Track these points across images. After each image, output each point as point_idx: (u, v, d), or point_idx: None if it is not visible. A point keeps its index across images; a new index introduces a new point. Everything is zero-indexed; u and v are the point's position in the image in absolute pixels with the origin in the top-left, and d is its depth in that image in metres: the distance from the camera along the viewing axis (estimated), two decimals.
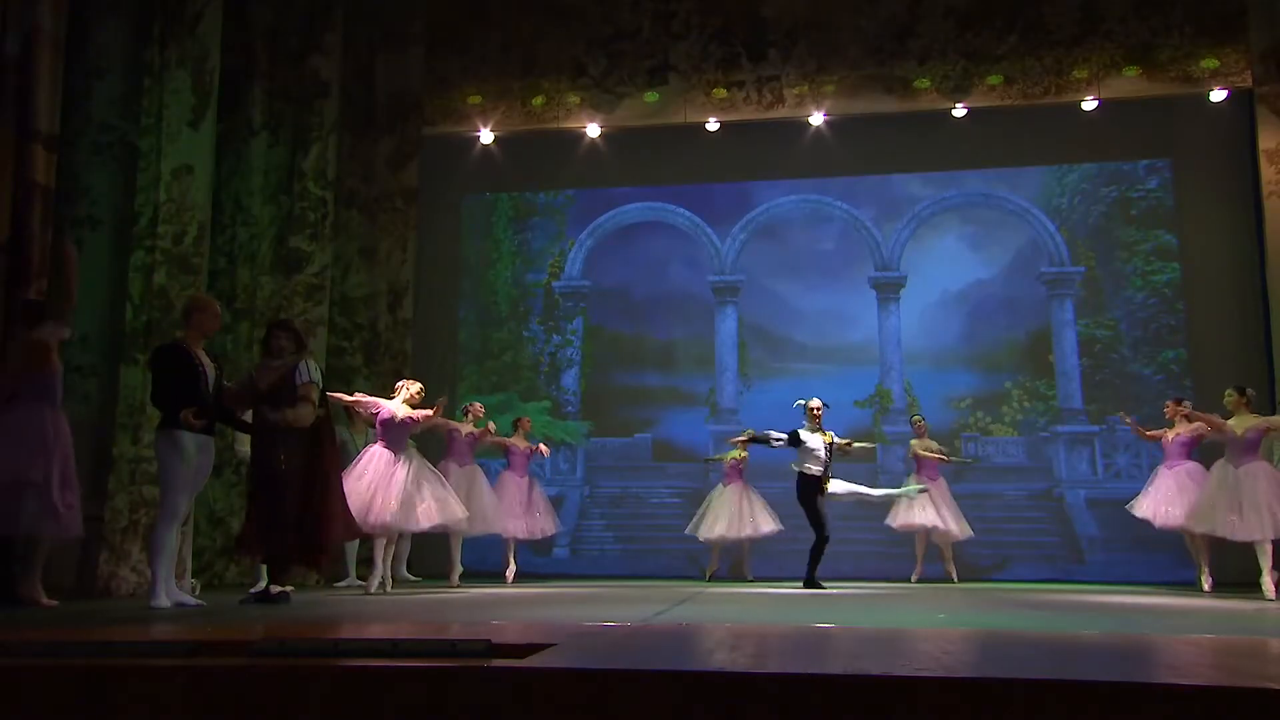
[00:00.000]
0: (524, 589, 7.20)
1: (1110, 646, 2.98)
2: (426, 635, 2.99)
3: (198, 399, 5.13)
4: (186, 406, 5.05)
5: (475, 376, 10.40)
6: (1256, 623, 4.54)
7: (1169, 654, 2.72)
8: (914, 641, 2.89)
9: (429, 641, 2.53)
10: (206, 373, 5.22)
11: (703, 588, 7.48)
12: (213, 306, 5.41)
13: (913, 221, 10.07)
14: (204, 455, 5.24)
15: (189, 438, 5.10)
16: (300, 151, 8.67)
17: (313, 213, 8.64)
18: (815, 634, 3.25)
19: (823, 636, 3.13)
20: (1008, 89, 9.17)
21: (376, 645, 2.48)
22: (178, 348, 5.27)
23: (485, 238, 10.68)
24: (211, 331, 5.45)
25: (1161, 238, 9.53)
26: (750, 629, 3.49)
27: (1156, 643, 3.13)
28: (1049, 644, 2.99)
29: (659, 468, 10.00)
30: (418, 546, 8.42)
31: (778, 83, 9.49)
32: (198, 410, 5.07)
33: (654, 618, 4.24)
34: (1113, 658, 2.65)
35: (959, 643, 2.91)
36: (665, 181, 10.44)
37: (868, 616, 4.72)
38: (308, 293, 8.53)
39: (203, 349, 5.31)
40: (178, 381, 5.14)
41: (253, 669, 2.14)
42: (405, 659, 2.24)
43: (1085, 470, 9.38)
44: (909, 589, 7.53)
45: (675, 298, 10.35)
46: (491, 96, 9.86)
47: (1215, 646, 2.97)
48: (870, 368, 9.83)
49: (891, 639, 3.06)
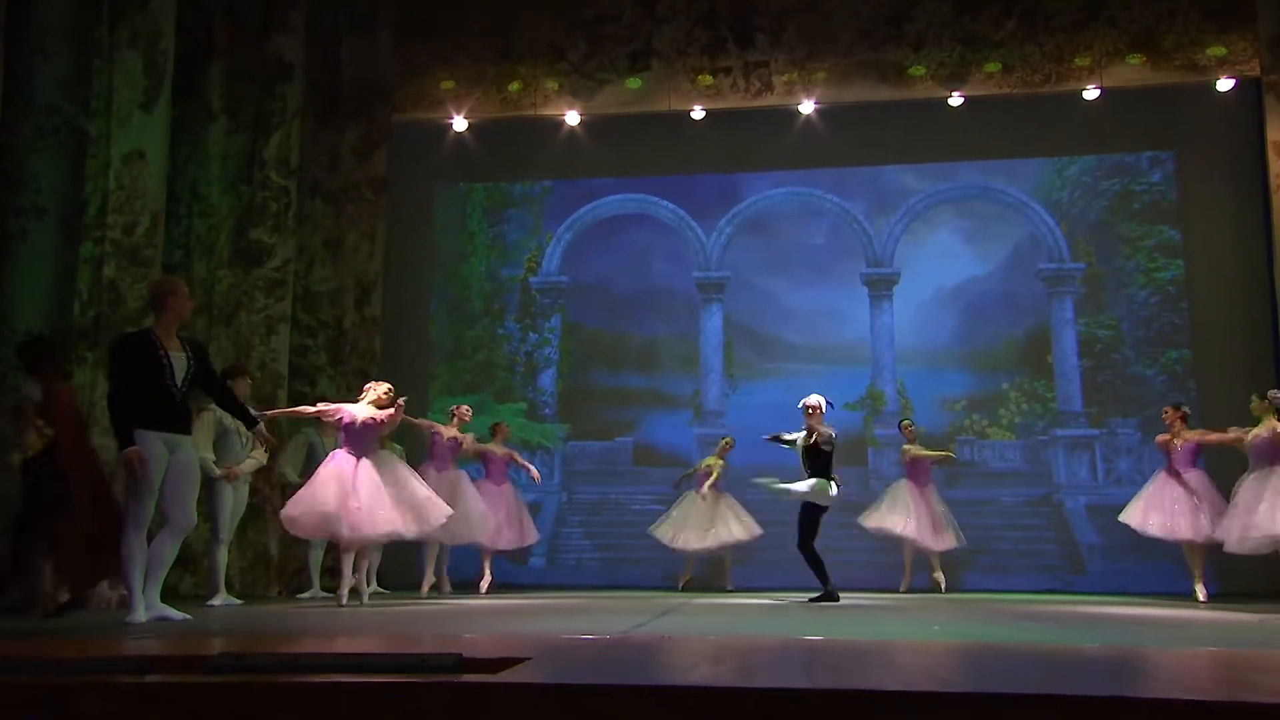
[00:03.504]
0: (498, 600, 7.19)
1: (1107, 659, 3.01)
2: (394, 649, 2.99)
3: (161, 396, 5.03)
4: (147, 405, 4.97)
5: (447, 376, 10.37)
6: (1258, 634, 4.60)
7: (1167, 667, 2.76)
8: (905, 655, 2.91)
9: (396, 656, 2.53)
10: (174, 366, 5.05)
11: (686, 599, 7.49)
12: (183, 288, 5.30)
13: (906, 215, 10.12)
14: (181, 454, 5.09)
15: (154, 437, 4.98)
16: (261, 138, 8.61)
17: (275, 203, 8.59)
18: (803, 647, 3.27)
19: (810, 650, 3.15)
20: (1006, 77, 9.24)
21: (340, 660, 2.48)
22: (143, 339, 5.10)
23: (458, 230, 10.65)
24: (185, 316, 5.33)
25: (1165, 233, 9.63)
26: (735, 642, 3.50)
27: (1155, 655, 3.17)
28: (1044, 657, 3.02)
29: (640, 473, 10.00)
30: (388, 557, 8.39)
31: (766, 69, 9.51)
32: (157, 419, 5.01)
33: (634, 630, 4.25)
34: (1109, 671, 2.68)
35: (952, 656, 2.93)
36: (648, 172, 10.44)
37: (858, 628, 4.74)
38: (269, 287, 8.49)
39: (178, 337, 5.18)
40: (140, 378, 5.01)
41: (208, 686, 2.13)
42: (371, 674, 2.24)
43: (1085, 476, 9.46)
44: (901, 600, 7.57)
45: (658, 294, 10.36)
46: (465, 82, 9.84)
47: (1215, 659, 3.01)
48: (862, 368, 9.88)
49: (881, 652, 3.08)
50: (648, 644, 3.56)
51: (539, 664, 2.47)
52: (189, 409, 5.33)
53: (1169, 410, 7.68)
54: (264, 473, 7.52)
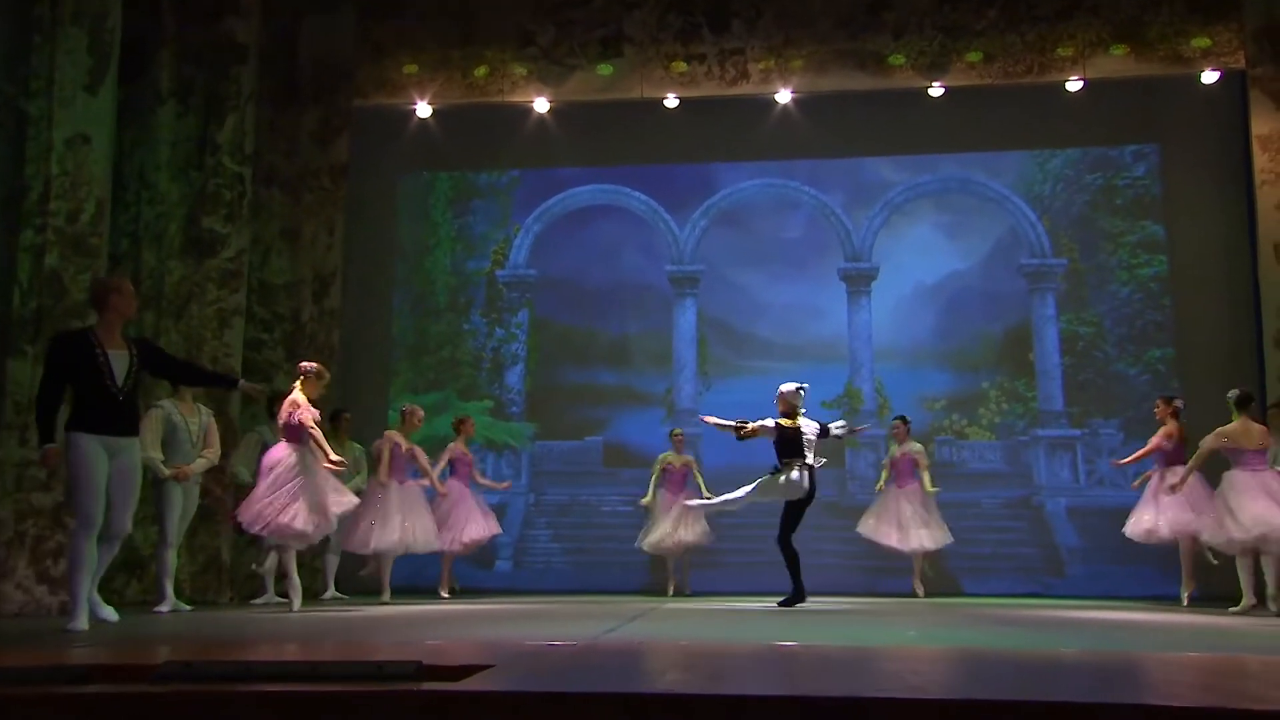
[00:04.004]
0: (462, 605, 7.17)
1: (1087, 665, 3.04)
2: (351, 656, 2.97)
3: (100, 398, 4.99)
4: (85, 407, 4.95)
5: (410, 373, 10.32)
6: (1239, 640, 4.67)
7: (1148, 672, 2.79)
8: (881, 661, 2.93)
9: (353, 663, 2.51)
10: (113, 367, 5.02)
11: (658, 603, 7.50)
12: (127, 286, 5.28)
13: (885, 209, 10.18)
14: (123, 458, 5.07)
15: (91, 440, 4.96)
16: (214, 122, 8.50)
17: (228, 190, 8.49)
18: (776, 653, 3.28)
19: (784, 656, 3.16)
20: (988, 67, 9.31)
21: (294, 668, 2.45)
22: (80, 338, 5.09)
23: (422, 221, 10.58)
24: (130, 315, 5.31)
25: (1148, 228, 9.75)
26: (706, 647, 3.51)
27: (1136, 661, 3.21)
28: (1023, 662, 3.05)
29: (611, 473, 10.00)
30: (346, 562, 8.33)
31: (742, 56, 9.53)
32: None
33: (602, 636, 4.25)
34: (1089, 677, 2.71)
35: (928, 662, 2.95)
36: (619, 162, 10.42)
37: (833, 634, 4.77)
38: (222, 279, 8.39)
39: (122, 335, 5.16)
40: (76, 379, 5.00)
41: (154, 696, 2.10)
42: (326, 682, 2.22)
43: (1066, 477, 9.57)
44: (877, 604, 7.62)
45: (629, 289, 10.35)
46: (429, 66, 9.78)
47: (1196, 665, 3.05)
48: (839, 365, 9.93)
49: (857, 658, 3.10)
50: (616, 650, 3.56)
51: (502, 671, 2.46)
52: (135, 409, 5.29)
53: (1160, 403, 7.74)
54: (215, 473, 7.44)
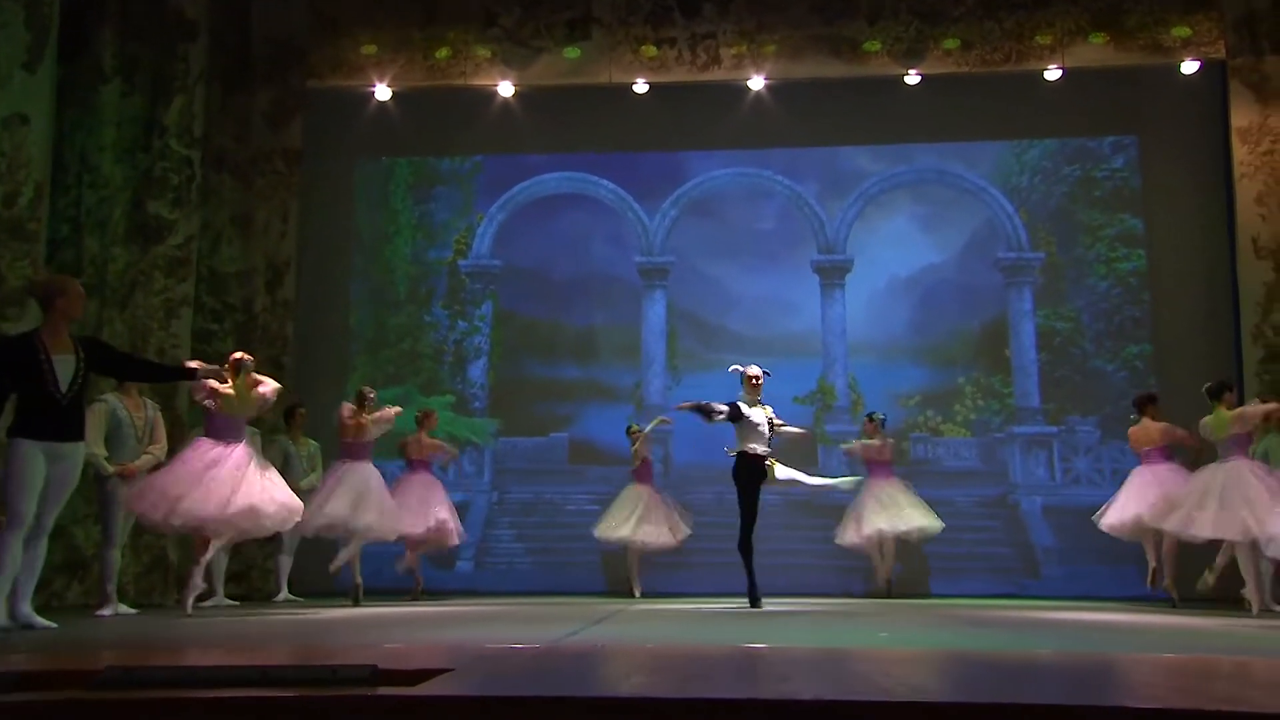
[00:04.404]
0: (421, 608, 7.14)
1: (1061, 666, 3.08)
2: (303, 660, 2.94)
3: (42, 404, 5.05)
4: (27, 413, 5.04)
5: (368, 367, 10.24)
6: (1214, 641, 4.75)
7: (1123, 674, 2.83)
8: (852, 663, 2.95)
9: (305, 668, 2.49)
10: (57, 372, 5.09)
11: (624, 605, 7.51)
12: (74, 286, 5.35)
13: (860, 200, 10.23)
14: (64, 463, 5.16)
15: (33, 447, 5.04)
16: (161, 103, 8.41)
17: (175, 174, 8.39)
18: (745, 655, 3.29)
19: (753, 658, 3.17)
20: (965, 54, 9.38)
21: (243, 673, 2.43)
22: (23, 343, 5.14)
23: (381, 208, 10.51)
24: (77, 316, 5.39)
25: (1126, 221, 9.87)
26: (673, 650, 3.51)
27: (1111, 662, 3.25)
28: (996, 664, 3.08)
29: (576, 471, 9.99)
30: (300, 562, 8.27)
31: (713, 41, 9.53)
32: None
33: (566, 638, 4.24)
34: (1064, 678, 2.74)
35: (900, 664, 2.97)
36: (587, 149, 10.41)
37: (804, 635, 4.80)
38: (169, 267, 8.30)
39: (70, 336, 5.22)
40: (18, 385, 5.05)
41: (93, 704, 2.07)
42: (276, 688, 2.20)
43: (1042, 475, 9.67)
44: (850, 605, 7.67)
45: (597, 280, 10.34)
46: (388, 47, 9.70)
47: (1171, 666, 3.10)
48: (812, 360, 9.97)
49: (828, 660, 3.12)
50: (580, 653, 3.55)
51: (461, 675, 2.45)
52: (80, 414, 5.34)
53: None
54: None
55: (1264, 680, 2.75)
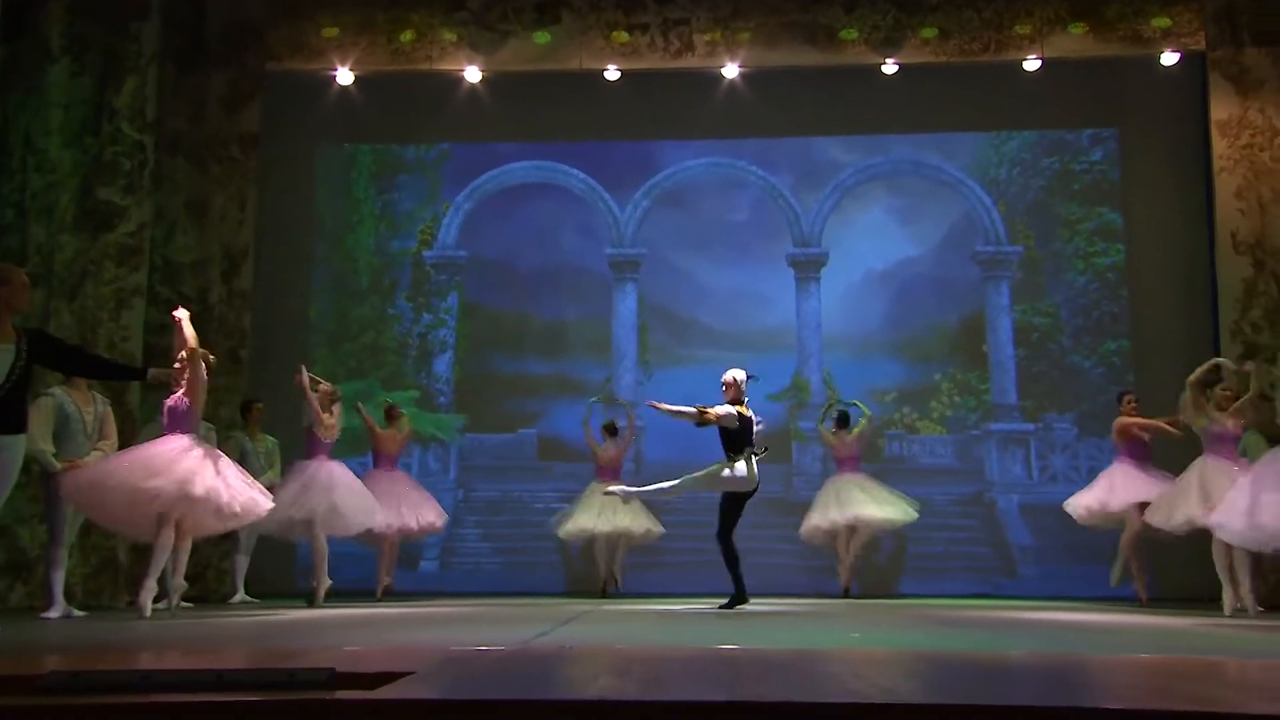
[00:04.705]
0: (383, 609, 7.11)
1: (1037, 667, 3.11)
2: (260, 664, 2.92)
3: None
4: None
5: (329, 360, 10.15)
6: (1190, 641, 4.82)
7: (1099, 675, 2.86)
8: (824, 664, 2.96)
9: (261, 671, 2.47)
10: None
11: (594, 605, 7.51)
12: (19, 276, 5.29)
13: (836, 191, 10.28)
14: (3, 455, 5.08)
15: None
16: (111, 85, 8.29)
17: (127, 159, 8.29)
18: (716, 657, 3.30)
19: (724, 660, 3.18)
20: (943, 44, 9.43)
21: (197, 677, 2.41)
22: None
23: (343, 196, 10.44)
24: (22, 308, 5.33)
25: (1105, 215, 9.97)
26: (643, 652, 3.52)
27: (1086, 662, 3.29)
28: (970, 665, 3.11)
29: (545, 468, 9.98)
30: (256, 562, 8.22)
31: (687, 27, 9.53)
32: None
33: (533, 640, 4.24)
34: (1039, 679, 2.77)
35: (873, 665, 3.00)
36: (557, 138, 10.38)
37: (776, 636, 4.82)
38: (121, 255, 8.19)
39: (13, 327, 5.16)
40: None
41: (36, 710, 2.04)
42: (231, 692, 2.19)
43: (1019, 473, 9.76)
44: (823, 606, 7.71)
45: (566, 272, 10.32)
46: (351, 29, 9.62)
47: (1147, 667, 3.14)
48: (787, 355, 10.01)
49: (799, 661, 3.13)
50: (547, 655, 3.56)
51: (424, 678, 2.44)
52: (20, 405, 5.26)
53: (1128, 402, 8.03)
54: None
55: (1236, 681, 2.80)
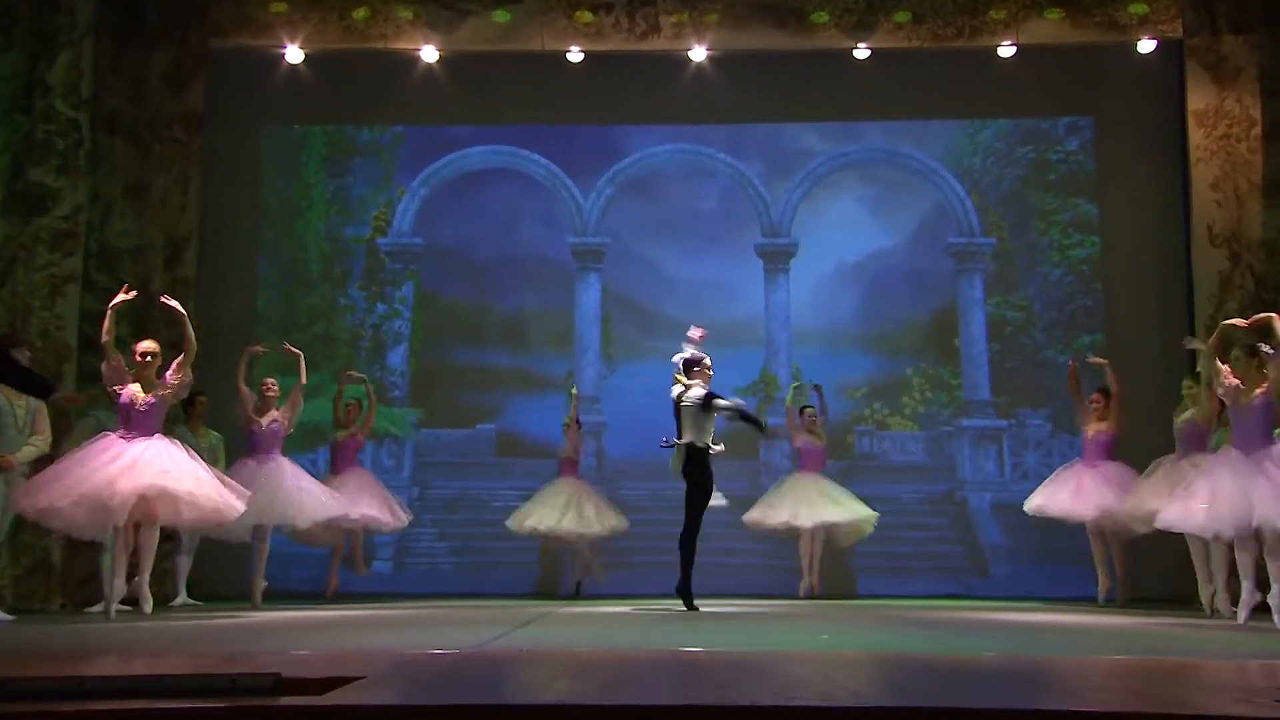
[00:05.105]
0: (332, 611, 7.07)
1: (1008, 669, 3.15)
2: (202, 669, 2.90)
3: None
4: None
5: (277, 352, 10.05)
6: (1161, 643, 4.89)
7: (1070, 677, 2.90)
8: (791, 666, 2.98)
9: (203, 677, 2.45)
10: None
11: (552, 607, 7.51)
12: None
13: (806, 180, 10.31)
14: None
15: None
16: (43, 59, 8.18)
17: (61, 139, 8.18)
18: (678, 660, 3.31)
19: (686, 663, 3.19)
20: (916, 28, 9.47)
21: (136, 683, 2.39)
22: None
23: (292, 180, 10.36)
24: None
25: (1080, 207, 10.09)
26: (602, 655, 3.52)
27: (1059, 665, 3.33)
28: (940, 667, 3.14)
29: (504, 465, 9.96)
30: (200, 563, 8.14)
31: (653, 8, 9.50)
32: None
33: (489, 643, 4.23)
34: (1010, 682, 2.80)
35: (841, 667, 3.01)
36: (517, 121, 10.34)
37: (742, 638, 4.84)
38: (55, 240, 8.09)
39: None
40: None
41: None
42: (172, 699, 2.17)
43: (991, 470, 9.86)
44: (792, 607, 7.76)
45: (527, 262, 10.30)
46: (300, 5, 9.51)
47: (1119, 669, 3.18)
48: (755, 349, 10.05)
49: (765, 664, 3.14)
50: (501, 658, 3.55)
51: (373, 683, 2.43)
52: None
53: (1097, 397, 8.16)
54: (46, 462, 7.14)
55: (1209, 683, 2.84)
